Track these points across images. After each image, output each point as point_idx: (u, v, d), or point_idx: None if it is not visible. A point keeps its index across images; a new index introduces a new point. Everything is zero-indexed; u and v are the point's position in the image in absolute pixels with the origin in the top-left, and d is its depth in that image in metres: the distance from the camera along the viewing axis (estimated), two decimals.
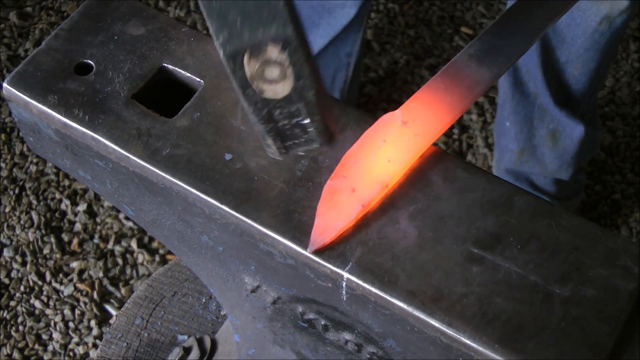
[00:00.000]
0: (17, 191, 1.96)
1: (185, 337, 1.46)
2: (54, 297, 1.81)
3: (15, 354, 1.74)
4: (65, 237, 1.90)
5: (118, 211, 1.92)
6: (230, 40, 0.74)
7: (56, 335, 1.77)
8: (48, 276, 1.84)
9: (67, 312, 1.79)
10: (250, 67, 0.75)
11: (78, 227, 1.91)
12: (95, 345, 1.75)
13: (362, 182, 0.88)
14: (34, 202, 1.94)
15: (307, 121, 0.79)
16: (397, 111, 0.92)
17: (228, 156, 0.92)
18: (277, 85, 0.76)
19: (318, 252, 0.85)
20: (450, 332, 0.81)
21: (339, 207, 0.87)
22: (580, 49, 1.57)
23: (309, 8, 1.75)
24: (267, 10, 0.72)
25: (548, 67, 1.63)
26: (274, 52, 0.74)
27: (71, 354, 1.75)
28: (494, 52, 0.95)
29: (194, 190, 0.90)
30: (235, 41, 0.74)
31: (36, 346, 1.76)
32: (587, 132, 1.72)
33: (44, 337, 1.77)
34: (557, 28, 1.55)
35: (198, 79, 0.97)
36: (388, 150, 0.90)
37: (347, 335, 0.93)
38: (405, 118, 0.91)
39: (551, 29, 1.55)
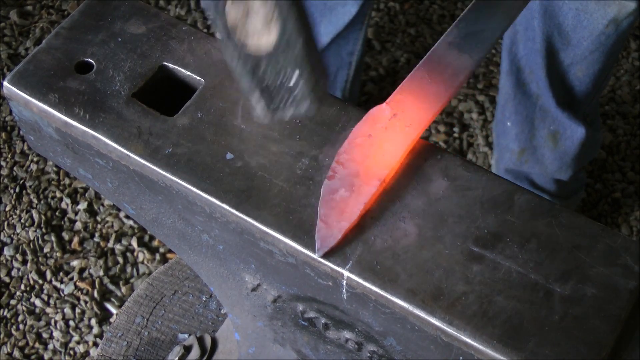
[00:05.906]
0: (17, 190, 1.96)
1: (186, 335, 1.46)
2: (55, 295, 1.81)
3: (16, 353, 1.74)
4: (65, 235, 1.89)
5: (118, 210, 1.92)
6: None
7: (56, 334, 1.76)
8: (48, 275, 1.84)
9: (67, 310, 1.79)
10: (232, 14, 0.72)
11: (78, 225, 1.91)
12: (95, 344, 1.75)
13: (360, 179, 0.88)
14: (35, 200, 1.94)
15: (295, 75, 0.74)
16: (384, 104, 0.92)
17: (229, 155, 0.92)
18: (261, 38, 0.72)
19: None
20: (450, 330, 0.81)
21: (341, 208, 0.87)
22: (585, 51, 1.57)
23: (311, 7, 1.75)
24: None
25: (552, 68, 1.62)
26: (257, 3, 0.71)
27: (72, 352, 1.75)
28: (473, 38, 0.96)
29: (194, 189, 0.90)
30: None
31: (36, 345, 1.76)
32: (588, 134, 1.72)
33: (45, 335, 1.77)
34: (562, 30, 1.54)
35: (198, 78, 0.97)
36: (381, 144, 0.90)
37: (347, 334, 0.93)
38: (394, 110, 0.91)
39: (556, 31, 1.55)
